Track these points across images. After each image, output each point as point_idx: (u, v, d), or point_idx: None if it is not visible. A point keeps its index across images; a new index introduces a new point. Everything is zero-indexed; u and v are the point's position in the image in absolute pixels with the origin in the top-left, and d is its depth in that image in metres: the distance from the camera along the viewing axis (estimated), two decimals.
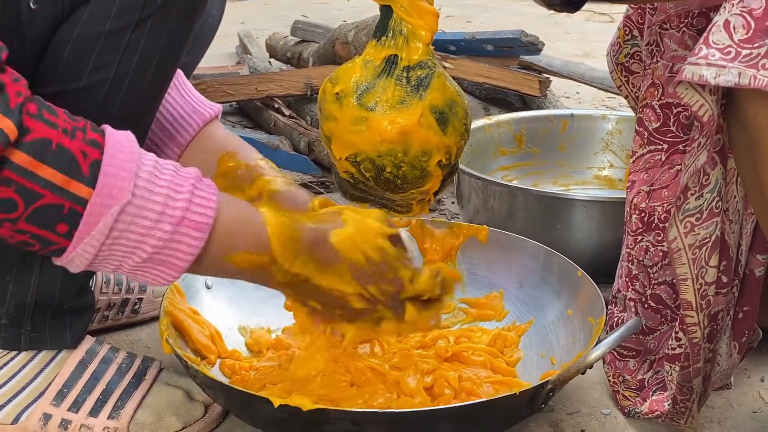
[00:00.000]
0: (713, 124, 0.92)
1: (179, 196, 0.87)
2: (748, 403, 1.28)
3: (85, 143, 0.83)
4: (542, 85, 2.37)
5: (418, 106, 1.03)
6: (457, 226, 1.42)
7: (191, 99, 1.18)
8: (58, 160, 0.81)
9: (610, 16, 4.73)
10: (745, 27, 0.84)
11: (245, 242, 0.92)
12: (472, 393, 1.18)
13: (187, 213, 0.87)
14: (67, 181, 0.81)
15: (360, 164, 1.06)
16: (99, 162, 0.83)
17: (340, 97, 1.04)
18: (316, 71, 2.50)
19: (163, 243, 0.87)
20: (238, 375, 1.21)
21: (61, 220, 0.82)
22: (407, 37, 1.04)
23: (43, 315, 1.13)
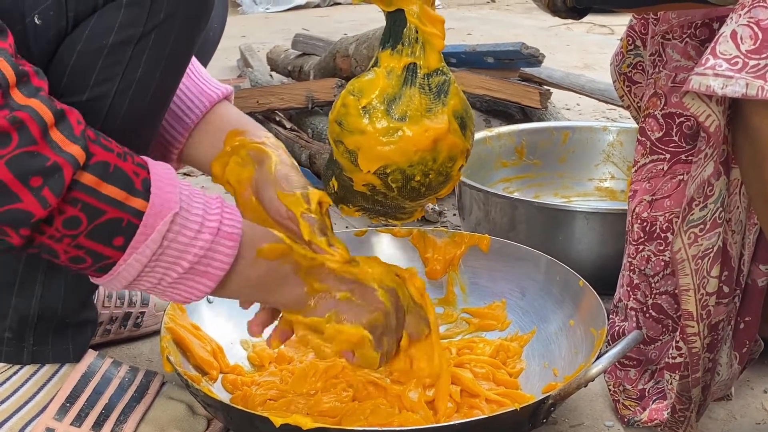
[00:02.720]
0: (720, 135, 0.93)
1: (213, 210, 0.95)
2: (751, 414, 1.27)
3: (135, 165, 0.90)
4: (543, 97, 2.38)
5: (444, 113, 1.03)
6: (458, 235, 1.43)
7: (199, 80, 1.19)
8: (118, 178, 0.88)
9: (610, 28, 4.74)
10: (753, 38, 0.84)
11: (265, 237, 0.99)
12: (474, 406, 1.17)
13: (221, 225, 0.94)
14: (126, 196, 0.88)
15: (388, 176, 1.05)
16: (149, 180, 0.90)
17: (367, 110, 1.04)
18: (317, 84, 2.50)
19: (203, 252, 0.93)
20: (240, 390, 1.21)
21: (119, 233, 0.88)
22: (423, 45, 1.04)
23: (46, 329, 1.13)
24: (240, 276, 0.97)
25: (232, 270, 0.96)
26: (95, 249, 0.88)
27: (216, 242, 0.93)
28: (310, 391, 1.20)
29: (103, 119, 0.97)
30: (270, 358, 1.30)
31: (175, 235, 0.91)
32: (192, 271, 0.93)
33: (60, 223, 0.85)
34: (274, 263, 0.99)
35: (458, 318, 1.40)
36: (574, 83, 2.59)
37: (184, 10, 0.99)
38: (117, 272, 0.90)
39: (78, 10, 0.94)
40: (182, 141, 1.17)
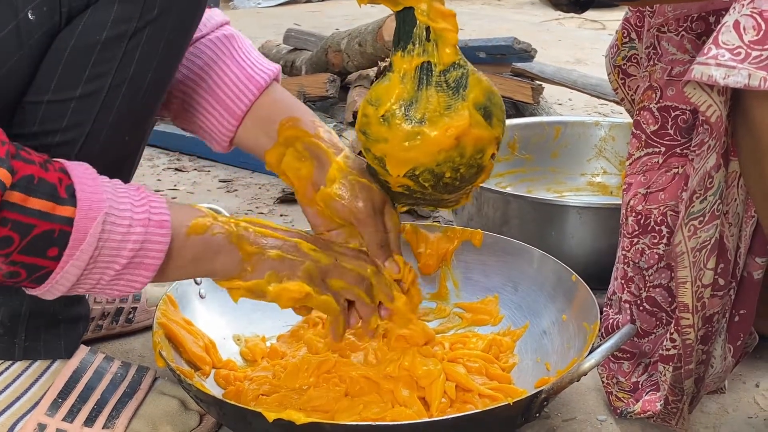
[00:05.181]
0: (721, 125, 0.92)
1: (139, 202, 0.94)
2: (744, 408, 1.28)
3: (57, 171, 0.89)
4: (535, 92, 2.38)
5: (465, 108, 1.03)
6: (451, 230, 1.42)
7: (246, 64, 1.17)
8: (43, 190, 0.87)
9: (602, 23, 4.75)
10: (756, 28, 0.84)
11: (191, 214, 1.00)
12: (467, 401, 1.17)
13: (150, 215, 0.94)
14: (53, 206, 0.88)
15: (419, 177, 1.05)
16: (72, 185, 0.90)
17: (386, 117, 1.03)
18: (309, 79, 2.50)
19: (138, 245, 0.93)
20: (232, 385, 1.21)
21: (52, 244, 0.88)
22: (436, 41, 1.03)
23: (38, 325, 1.13)
24: (176, 258, 0.98)
25: (167, 255, 0.96)
26: (30, 262, 0.88)
27: (148, 233, 0.94)
28: (302, 386, 1.20)
29: (96, 115, 0.97)
30: (262, 353, 1.30)
31: (108, 234, 0.91)
32: (129, 265, 0.93)
33: None
34: (206, 236, 1.00)
35: (451, 313, 1.40)
36: (566, 78, 2.59)
37: (178, 5, 0.99)
38: (54, 281, 0.91)
39: (71, 5, 0.94)
40: (233, 130, 1.17)
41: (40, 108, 0.96)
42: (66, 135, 0.97)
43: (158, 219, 0.94)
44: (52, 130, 0.97)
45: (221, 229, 1.02)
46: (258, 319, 1.35)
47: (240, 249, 1.03)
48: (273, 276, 1.05)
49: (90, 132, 0.98)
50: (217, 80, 1.16)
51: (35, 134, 0.97)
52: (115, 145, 1.02)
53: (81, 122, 0.97)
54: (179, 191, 2.22)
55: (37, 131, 0.97)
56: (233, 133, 1.17)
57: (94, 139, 0.99)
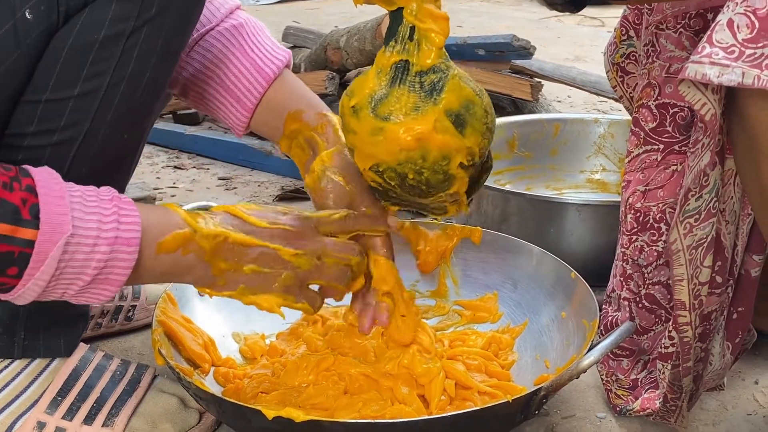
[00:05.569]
0: (716, 124, 0.92)
1: (108, 219, 0.93)
2: (743, 405, 1.28)
3: (23, 191, 0.88)
4: (534, 89, 2.38)
5: (433, 112, 1.02)
6: (450, 227, 1.42)
7: (256, 55, 1.20)
8: (4, 213, 0.86)
9: (601, 20, 4.74)
10: (749, 26, 0.84)
11: (167, 228, 0.97)
12: (467, 398, 1.17)
13: (118, 232, 0.93)
14: (14, 229, 0.87)
15: (383, 173, 1.05)
16: (37, 205, 0.88)
17: (356, 109, 1.04)
18: (308, 77, 2.50)
19: (103, 264, 0.92)
20: (231, 383, 1.21)
21: (12, 264, 0.88)
22: (418, 42, 1.03)
23: (37, 323, 1.12)
24: (144, 272, 0.97)
25: (134, 271, 0.95)
26: None
27: (114, 251, 0.92)
28: (302, 383, 1.20)
29: (95, 114, 0.97)
30: (262, 351, 1.30)
31: (71, 255, 0.90)
32: (94, 281, 0.93)
33: None
34: (176, 255, 0.98)
35: (450, 310, 1.40)
36: (565, 75, 2.59)
37: (176, 4, 0.99)
38: (18, 294, 0.91)
39: (69, 4, 0.94)
40: (246, 121, 1.21)
41: (38, 107, 0.96)
42: (64, 134, 0.97)
43: (127, 236, 0.93)
44: (50, 129, 0.97)
45: (195, 247, 0.99)
46: (257, 317, 1.35)
47: (213, 266, 1.01)
48: (245, 290, 1.04)
49: (88, 131, 0.98)
50: (228, 74, 1.19)
51: (33, 133, 0.97)
52: (114, 144, 1.02)
53: (79, 121, 0.97)
54: (178, 189, 2.22)
55: (35, 130, 0.96)
56: (247, 123, 1.21)
57: (92, 138, 0.99)
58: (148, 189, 1.98)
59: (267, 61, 1.20)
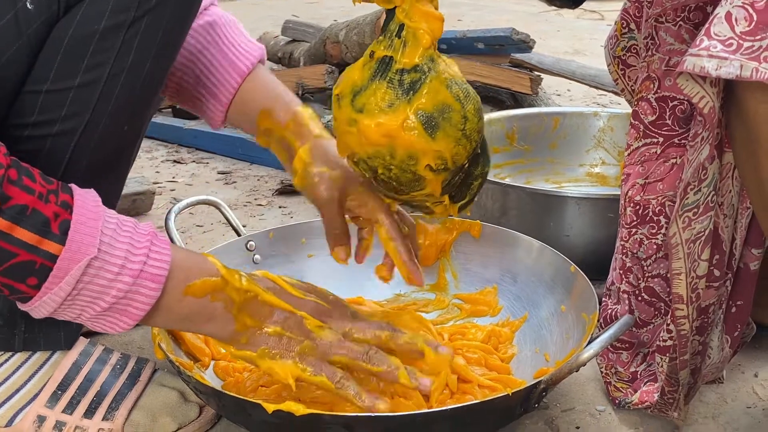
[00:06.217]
0: (714, 117, 0.92)
1: (138, 251, 0.93)
2: (742, 398, 1.28)
3: (58, 206, 0.89)
4: (533, 82, 2.38)
5: (404, 110, 1.02)
6: (450, 221, 1.42)
7: (229, 50, 1.22)
8: (33, 222, 0.87)
9: (600, 14, 4.74)
10: (747, 19, 0.84)
11: (199, 273, 0.98)
12: (467, 392, 1.17)
13: (145, 267, 0.93)
14: (40, 240, 0.87)
15: (357, 164, 1.07)
16: (69, 222, 0.89)
17: (339, 98, 1.05)
18: (308, 71, 2.50)
19: (123, 294, 0.92)
20: (231, 377, 1.21)
21: (32, 275, 0.88)
22: (405, 40, 1.03)
23: None
24: (164, 312, 0.97)
25: (155, 307, 0.95)
26: (10, 284, 0.89)
27: (137, 284, 0.93)
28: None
29: (95, 104, 0.97)
30: None
31: (91, 278, 0.90)
32: (111, 309, 0.93)
33: None
34: (203, 300, 0.98)
35: (450, 304, 1.40)
36: (564, 69, 2.59)
37: None
38: (35, 305, 0.91)
39: None
40: (222, 116, 1.22)
41: (38, 98, 0.96)
42: (65, 124, 0.97)
43: (153, 272, 0.94)
44: (50, 119, 0.97)
45: (224, 297, 0.99)
46: None
47: (237, 321, 1.01)
48: (265, 352, 1.03)
49: (89, 122, 0.98)
50: (203, 69, 1.21)
51: (34, 124, 0.97)
52: (114, 135, 1.02)
53: (80, 112, 0.97)
54: (177, 183, 2.22)
55: (35, 121, 0.96)
56: (223, 118, 1.23)
57: (92, 129, 0.99)
58: (147, 183, 1.98)
59: (240, 56, 1.21)
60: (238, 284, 1.00)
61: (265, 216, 1.99)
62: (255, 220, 1.97)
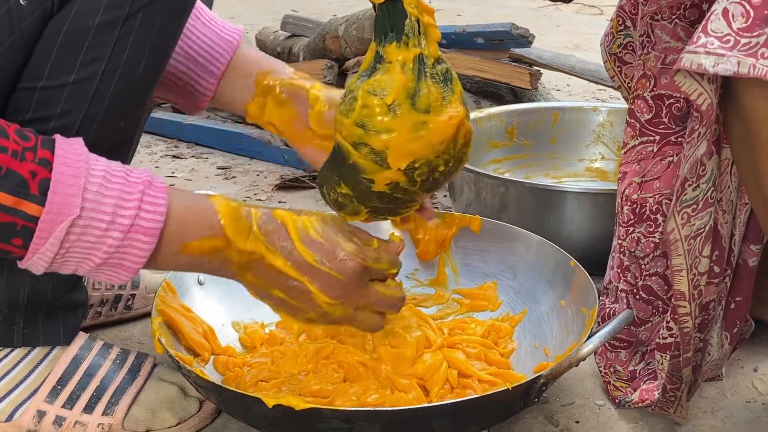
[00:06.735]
0: (712, 114, 0.92)
1: (128, 204, 0.90)
2: (742, 393, 1.28)
3: (35, 163, 0.86)
4: (533, 77, 2.37)
5: (457, 100, 1.04)
6: (449, 216, 1.42)
7: (215, 27, 1.22)
8: (8, 183, 0.85)
9: (599, 9, 4.74)
10: (744, 15, 0.84)
11: (198, 231, 0.95)
12: (467, 386, 1.18)
13: (136, 220, 0.91)
14: (17, 201, 0.85)
15: (416, 170, 1.05)
16: (48, 180, 0.86)
17: (393, 107, 1.02)
18: (307, 66, 2.49)
19: (114, 249, 0.90)
20: (231, 372, 1.21)
21: (16, 236, 0.87)
22: (425, 34, 1.04)
23: (36, 311, 1.13)
24: (162, 264, 0.95)
25: (152, 259, 0.93)
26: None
27: (129, 238, 0.90)
28: (301, 372, 1.20)
29: (91, 100, 0.97)
30: (261, 340, 1.30)
31: (77, 236, 0.88)
32: (105, 264, 0.92)
33: None
34: (202, 260, 0.96)
35: (450, 299, 1.40)
36: (564, 64, 2.59)
37: None
38: (28, 264, 0.90)
39: None
40: (212, 90, 1.21)
41: (34, 94, 0.96)
42: (61, 121, 0.97)
43: (146, 225, 0.91)
44: (46, 116, 0.96)
45: (223, 257, 0.97)
46: (257, 306, 1.34)
47: (239, 276, 1.00)
48: (269, 304, 1.03)
49: (85, 118, 0.98)
50: (192, 44, 1.20)
51: (30, 121, 0.96)
52: (111, 131, 1.02)
53: (76, 108, 0.97)
54: (177, 178, 2.22)
55: (31, 117, 0.96)
56: (213, 92, 1.22)
57: (89, 125, 0.98)
58: None
59: (226, 32, 1.22)
60: (241, 245, 0.97)
61: None
62: None
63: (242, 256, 0.98)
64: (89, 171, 0.89)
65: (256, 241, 0.98)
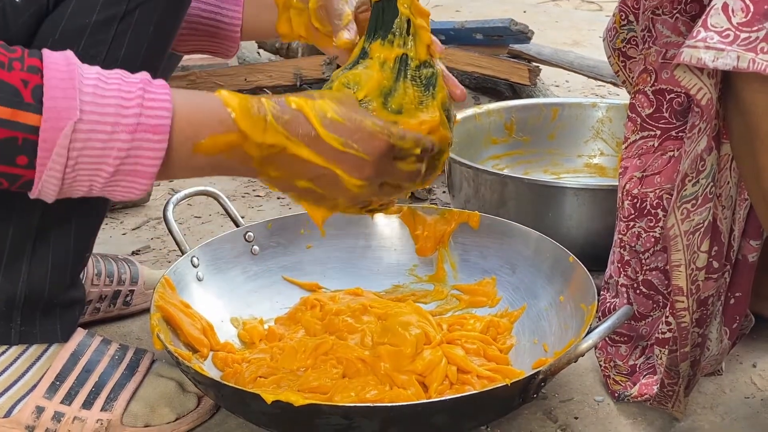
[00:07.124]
0: (712, 108, 0.92)
1: (129, 104, 0.85)
2: (741, 388, 1.28)
3: (25, 71, 0.82)
4: (532, 73, 2.37)
5: (435, 106, 1.03)
6: (448, 212, 1.42)
7: None
8: (1, 94, 0.80)
9: (598, 5, 4.73)
10: (744, 10, 0.84)
11: (210, 128, 0.89)
12: (466, 382, 1.18)
13: (141, 118, 0.85)
14: (13, 113, 0.81)
15: None
16: (41, 86, 0.82)
17: (365, 103, 1.01)
18: (305, 61, 2.49)
19: (125, 153, 0.85)
20: (230, 368, 1.21)
21: (19, 152, 0.82)
22: (414, 36, 1.04)
23: (34, 309, 1.12)
24: (178, 169, 0.89)
25: (167, 163, 0.87)
26: (3, 171, 0.83)
27: (137, 139, 0.85)
28: (300, 368, 1.20)
29: None
30: (260, 336, 1.30)
31: (83, 143, 0.83)
32: (120, 173, 0.86)
33: None
34: (218, 157, 0.90)
35: (448, 295, 1.40)
36: (563, 60, 2.59)
37: None
38: (39, 188, 0.85)
39: None
40: (239, 19, 1.22)
41: None
42: None
43: (152, 123, 0.85)
44: None
45: (241, 153, 0.90)
46: (255, 302, 1.36)
47: (260, 172, 0.93)
48: (294, 195, 0.97)
49: None
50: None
51: None
52: None
53: None
54: None
55: None
56: (240, 22, 1.22)
57: None
58: None
59: None
60: (258, 138, 0.90)
61: (264, 207, 1.99)
62: (253, 211, 1.97)
63: (262, 150, 0.91)
64: (82, 74, 0.85)
65: (274, 132, 0.91)
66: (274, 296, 1.38)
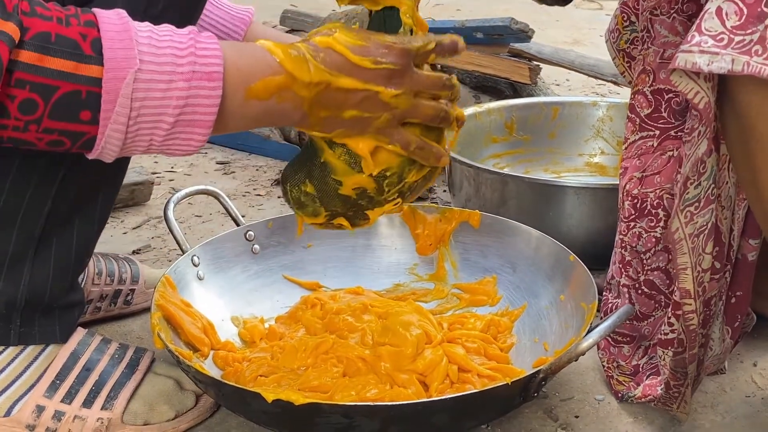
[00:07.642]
0: (710, 112, 0.92)
1: (183, 53, 0.88)
2: (741, 387, 1.28)
3: (82, 26, 0.84)
4: (532, 72, 2.37)
5: None
6: (449, 211, 1.43)
7: (225, 8, 1.25)
8: (62, 48, 0.82)
9: (599, 3, 4.73)
10: (738, 13, 0.84)
11: (259, 72, 0.93)
12: (466, 381, 1.18)
13: (195, 66, 0.88)
14: (76, 66, 0.82)
15: (387, 179, 1.05)
16: (99, 39, 0.84)
17: None
18: None
19: (183, 101, 0.88)
20: (231, 367, 1.21)
21: (83, 107, 0.84)
22: None
23: (33, 311, 1.12)
24: (232, 118, 0.93)
25: (222, 112, 0.90)
26: (66, 129, 0.85)
27: (194, 87, 0.88)
28: (300, 367, 1.20)
29: None
30: (261, 335, 1.30)
31: (144, 93, 0.85)
32: (179, 123, 0.89)
33: (16, 111, 0.82)
34: (270, 102, 0.93)
35: (449, 293, 1.40)
36: (563, 59, 2.59)
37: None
38: (101, 146, 0.87)
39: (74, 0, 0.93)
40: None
41: None
42: None
43: (207, 71, 0.88)
44: None
45: (292, 95, 0.94)
46: (256, 301, 1.36)
47: (311, 115, 0.97)
48: (341, 133, 1.01)
49: None
50: (206, 26, 1.24)
51: None
52: None
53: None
54: (176, 173, 2.22)
55: None
56: None
57: None
58: (145, 173, 1.98)
59: (240, 12, 1.25)
60: (306, 77, 0.94)
61: (264, 206, 1.99)
62: (254, 210, 1.97)
63: (310, 90, 0.95)
64: (136, 27, 0.87)
65: (318, 70, 0.95)
66: (275, 295, 1.38)
